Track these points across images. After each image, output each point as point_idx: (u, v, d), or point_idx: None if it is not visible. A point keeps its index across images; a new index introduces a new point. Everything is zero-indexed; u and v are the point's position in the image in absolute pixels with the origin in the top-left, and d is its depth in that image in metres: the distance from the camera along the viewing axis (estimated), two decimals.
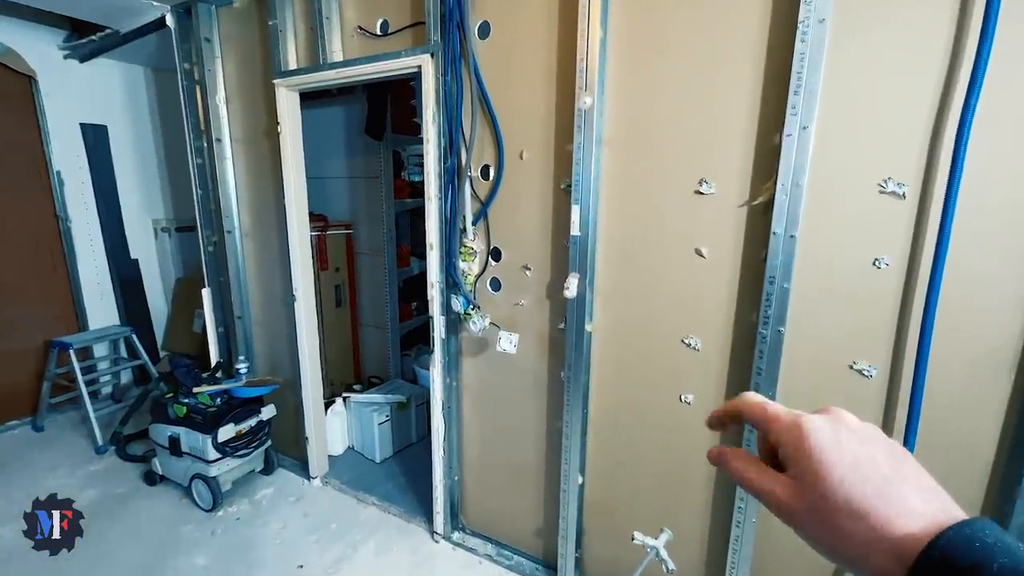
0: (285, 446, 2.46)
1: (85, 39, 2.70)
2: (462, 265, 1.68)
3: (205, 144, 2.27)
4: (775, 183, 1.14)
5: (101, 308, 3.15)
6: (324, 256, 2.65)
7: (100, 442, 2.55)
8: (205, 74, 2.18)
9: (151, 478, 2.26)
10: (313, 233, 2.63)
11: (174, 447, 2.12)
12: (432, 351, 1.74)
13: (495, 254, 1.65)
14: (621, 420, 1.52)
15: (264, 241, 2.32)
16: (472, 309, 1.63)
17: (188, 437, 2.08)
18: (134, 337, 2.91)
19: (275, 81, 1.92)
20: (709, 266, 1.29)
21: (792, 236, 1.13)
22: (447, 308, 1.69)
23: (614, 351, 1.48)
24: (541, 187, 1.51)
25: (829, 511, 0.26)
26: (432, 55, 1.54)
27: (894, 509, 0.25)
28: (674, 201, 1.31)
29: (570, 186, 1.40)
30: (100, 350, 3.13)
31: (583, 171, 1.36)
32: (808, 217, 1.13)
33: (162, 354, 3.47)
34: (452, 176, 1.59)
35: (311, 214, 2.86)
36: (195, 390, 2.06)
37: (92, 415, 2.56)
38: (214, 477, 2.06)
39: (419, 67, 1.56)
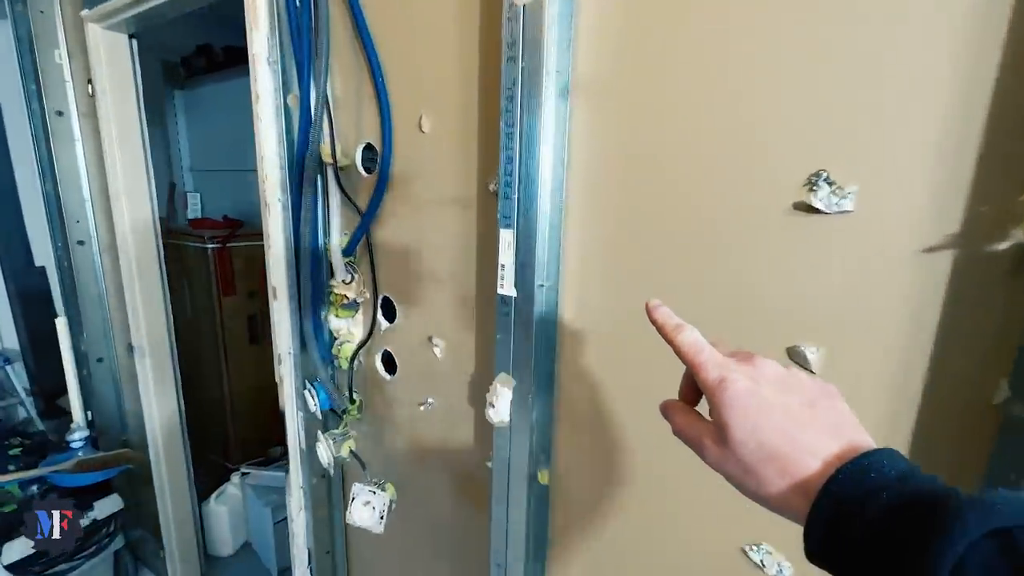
0: (157, 541, 1.78)
1: None
2: (335, 324, 0.94)
3: (41, 120, 1.62)
4: None
5: None
6: (228, 277, 1.96)
7: None
8: (36, 18, 1.53)
9: None
10: (211, 246, 1.96)
11: None
12: (287, 469, 1.01)
13: (387, 308, 0.91)
14: None
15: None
16: (343, 412, 0.89)
17: None
18: (8, 369, 2.31)
19: (84, 14, 1.23)
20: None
21: None
22: (305, 400, 0.96)
23: (598, 536, 0.71)
24: (456, 184, 0.76)
25: (746, 456, 0.28)
26: None
27: (802, 450, 0.27)
28: (741, 228, 0.53)
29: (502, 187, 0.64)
30: None
31: (524, 154, 0.59)
32: None
33: None
34: (302, 164, 0.85)
35: (226, 219, 2.20)
36: None
37: None
38: None
39: None
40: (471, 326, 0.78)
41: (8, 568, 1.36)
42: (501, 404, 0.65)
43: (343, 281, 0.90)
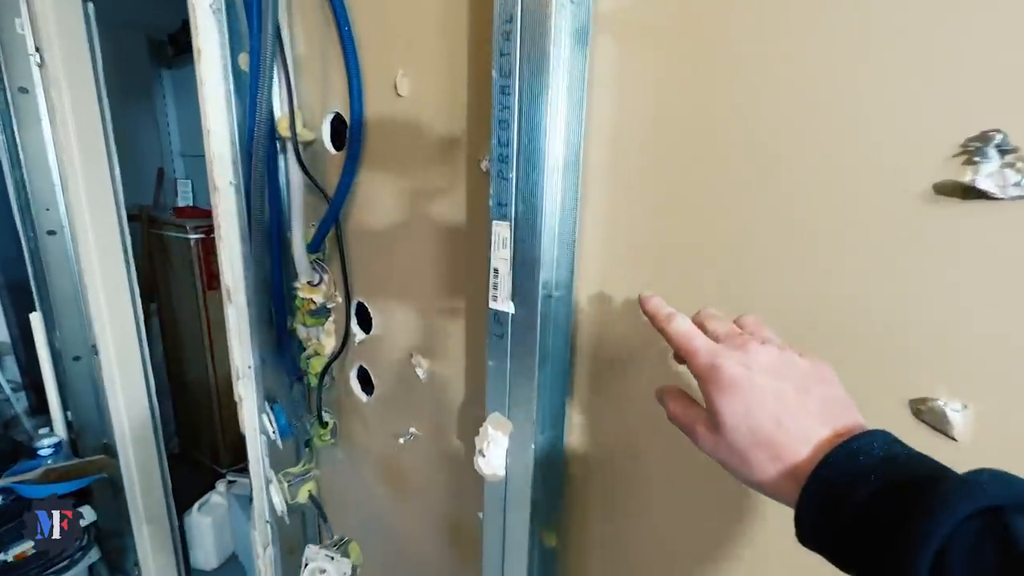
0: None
1: None
2: (303, 333, 0.79)
3: (3, 99, 1.48)
4: None
5: None
6: (213, 269, 1.82)
7: None
8: None
9: None
10: (194, 236, 1.82)
11: None
12: (252, 506, 0.86)
13: (363, 316, 0.75)
14: None
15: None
16: (307, 442, 0.74)
17: None
18: None
19: None
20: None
21: None
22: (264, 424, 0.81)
23: None
24: (441, 163, 0.59)
25: (738, 442, 0.27)
26: None
27: (794, 436, 0.26)
28: (845, 220, 0.35)
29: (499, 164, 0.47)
30: None
31: (527, 116, 0.43)
32: None
33: None
34: (252, 138, 0.68)
35: None
36: None
37: None
38: None
39: None
40: (460, 343, 0.62)
41: None
42: (494, 453, 0.49)
43: (309, 283, 0.74)
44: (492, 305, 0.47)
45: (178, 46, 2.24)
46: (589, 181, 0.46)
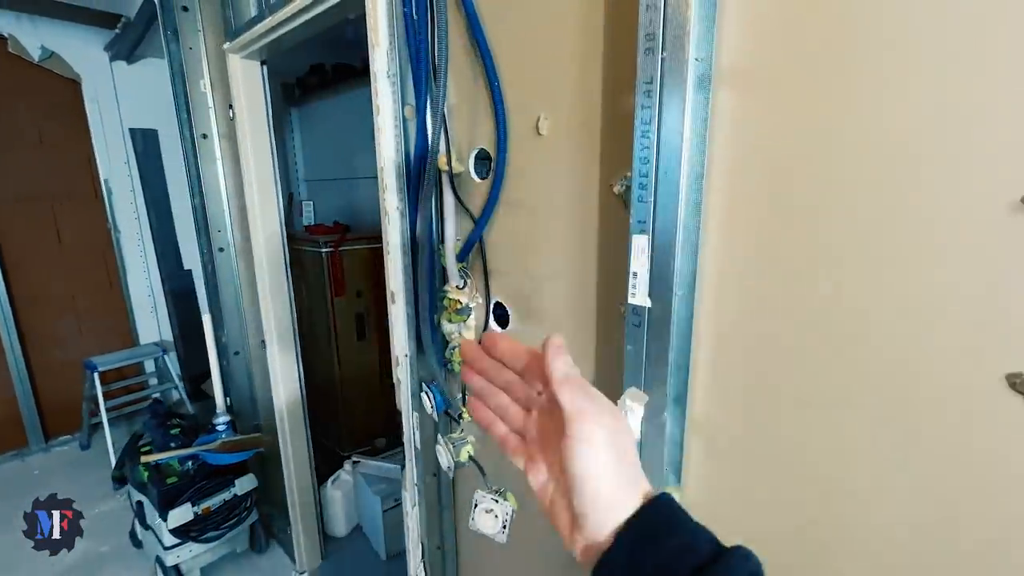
0: (285, 516, 1.97)
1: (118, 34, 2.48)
2: (448, 327, 0.96)
3: (190, 143, 1.85)
4: None
5: (151, 323, 3.02)
6: (340, 278, 2.11)
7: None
8: (186, 54, 1.74)
9: (136, 540, 1.93)
10: (325, 250, 2.12)
11: (140, 516, 1.73)
12: (403, 465, 1.05)
13: (500, 314, 0.90)
14: None
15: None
16: (459, 416, 0.90)
17: (149, 510, 1.67)
18: (165, 358, 2.70)
19: (226, 47, 1.38)
20: None
21: None
22: (422, 401, 0.99)
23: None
24: (575, 187, 0.73)
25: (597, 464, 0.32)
26: None
27: (631, 479, 0.33)
28: (951, 230, 0.44)
29: (629, 189, 0.60)
30: (150, 365, 3.01)
31: (662, 153, 0.55)
32: None
33: None
34: (419, 172, 0.87)
35: (336, 224, 2.37)
36: (146, 460, 1.63)
37: (111, 446, 2.35)
38: (173, 566, 1.62)
39: None
40: (590, 338, 0.75)
41: (172, 532, 1.59)
42: (632, 421, 0.61)
43: (456, 286, 0.91)
44: (631, 301, 0.60)
45: (304, 87, 2.61)
46: (710, 203, 0.57)
